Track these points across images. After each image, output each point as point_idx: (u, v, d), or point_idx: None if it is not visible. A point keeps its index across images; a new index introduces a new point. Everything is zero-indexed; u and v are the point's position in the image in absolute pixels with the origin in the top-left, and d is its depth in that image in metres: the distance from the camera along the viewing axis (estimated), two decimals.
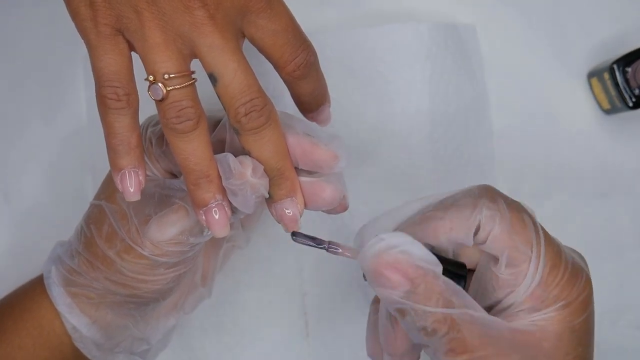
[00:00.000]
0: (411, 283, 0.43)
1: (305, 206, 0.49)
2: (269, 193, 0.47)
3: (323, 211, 0.50)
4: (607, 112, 0.66)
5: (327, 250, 0.47)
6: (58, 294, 0.54)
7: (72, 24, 0.45)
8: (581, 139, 0.67)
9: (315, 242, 0.47)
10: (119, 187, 0.46)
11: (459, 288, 0.43)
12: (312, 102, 0.51)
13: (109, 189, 0.52)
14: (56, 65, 0.68)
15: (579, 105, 0.67)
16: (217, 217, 0.46)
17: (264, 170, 0.47)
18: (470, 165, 0.66)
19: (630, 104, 0.63)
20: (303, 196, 0.48)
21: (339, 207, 0.50)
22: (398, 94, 0.64)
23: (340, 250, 0.47)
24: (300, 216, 0.48)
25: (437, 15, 0.67)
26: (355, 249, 0.47)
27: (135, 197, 0.46)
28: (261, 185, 0.47)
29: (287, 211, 0.48)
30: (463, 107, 0.65)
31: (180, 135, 0.44)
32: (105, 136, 0.45)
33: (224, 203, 0.46)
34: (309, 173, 0.49)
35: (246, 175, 0.46)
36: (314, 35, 0.63)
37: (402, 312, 0.43)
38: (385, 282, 0.43)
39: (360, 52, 0.64)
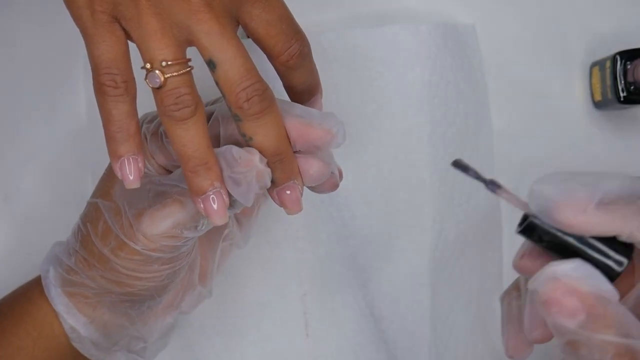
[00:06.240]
0: (589, 311, 0.37)
1: None
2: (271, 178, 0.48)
3: (313, 190, 0.50)
4: (597, 104, 0.66)
5: (486, 187, 0.42)
6: (56, 295, 0.54)
7: (72, 24, 0.45)
8: (582, 139, 0.67)
9: (473, 174, 0.43)
10: (119, 174, 0.46)
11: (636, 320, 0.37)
12: (304, 93, 0.51)
13: (104, 187, 0.52)
14: (56, 65, 0.68)
15: (579, 105, 0.67)
16: (215, 205, 0.46)
17: (267, 155, 0.47)
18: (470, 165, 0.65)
19: (621, 98, 0.62)
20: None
21: (328, 184, 0.50)
22: (398, 94, 0.64)
23: (502, 190, 0.42)
24: (301, 196, 0.48)
25: (437, 15, 0.67)
26: (521, 201, 0.42)
27: (135, 185, 0.46)
28: (267, 173, 0.47)
29: (288, 192, 0.48)
30: (463, 107, 0.65)
31: (178, 123, 0.44)
32: (103, 125, 0.45)
33: (222, 191, 0.46)
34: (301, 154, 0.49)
35: (254, 162, 0.46)
36: (314, 35, 0.63)
37: (575, 344, 0.37)
38: (561, 310, 0.38)
39: (360, 52, 0.64)
